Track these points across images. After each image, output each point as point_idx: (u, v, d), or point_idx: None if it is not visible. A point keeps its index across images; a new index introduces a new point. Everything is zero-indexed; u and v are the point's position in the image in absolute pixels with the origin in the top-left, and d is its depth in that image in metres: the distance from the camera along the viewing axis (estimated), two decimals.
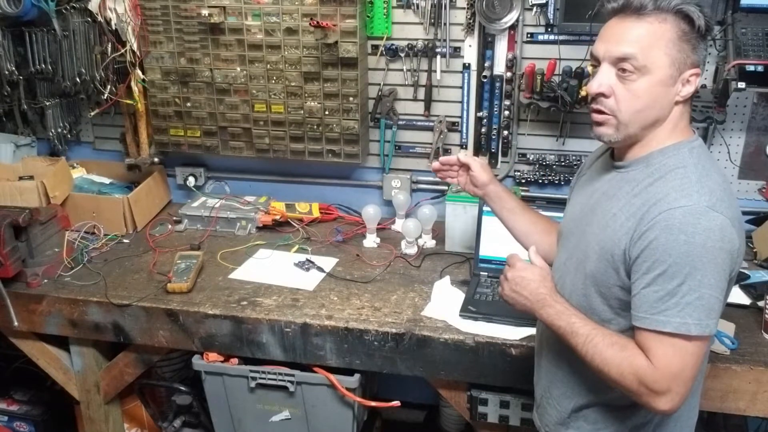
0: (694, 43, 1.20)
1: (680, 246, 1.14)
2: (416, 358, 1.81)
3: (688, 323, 1.14)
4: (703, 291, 1.14)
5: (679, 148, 1.24)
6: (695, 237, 1.13)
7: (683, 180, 1.19)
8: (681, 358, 1.16)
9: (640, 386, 1.18)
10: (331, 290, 2.00)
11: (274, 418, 2.01)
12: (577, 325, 1.27)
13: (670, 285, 1.15)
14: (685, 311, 1.14)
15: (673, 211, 1.15)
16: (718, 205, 1.16)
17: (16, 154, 2.59)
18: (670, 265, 1.15)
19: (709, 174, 1.21)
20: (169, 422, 2.27)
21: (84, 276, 2.10)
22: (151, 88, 2.44)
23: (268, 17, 2.27)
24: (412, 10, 2.26)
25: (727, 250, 1.15)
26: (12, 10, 2.27)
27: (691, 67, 1.21)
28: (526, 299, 1.35)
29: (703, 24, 1.20)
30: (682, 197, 1.17)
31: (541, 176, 2.34)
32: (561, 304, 1.30)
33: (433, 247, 2.27)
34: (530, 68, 2.17)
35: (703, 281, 1.14)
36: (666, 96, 1.22)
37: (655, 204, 1.18)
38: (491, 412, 1.84)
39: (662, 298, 1.16)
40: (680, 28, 1.20)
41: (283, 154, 2.44)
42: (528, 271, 1.36)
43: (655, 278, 1.17)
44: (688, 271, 1.14)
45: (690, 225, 1.14)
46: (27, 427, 2.49)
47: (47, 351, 2.16)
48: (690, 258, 1.13)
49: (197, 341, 1.94)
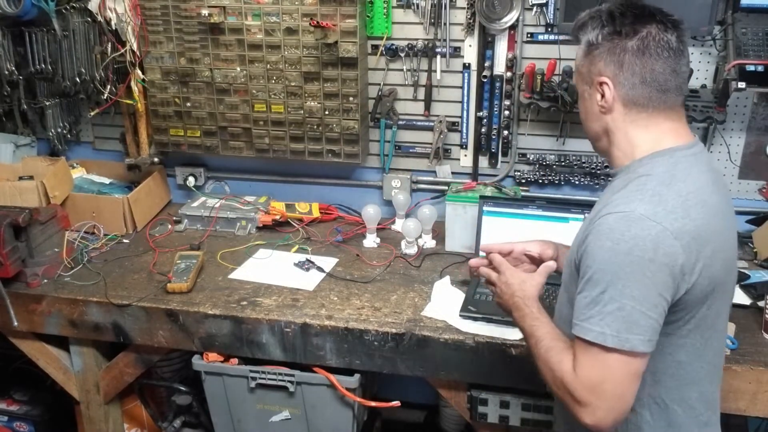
0: (596, 53, 1.22)
1: (604, 252, 1.12)
2: (416, 358, 1.81)
3: (605, 333, 1.11)
4: (625, 302, 1.10)
5: (656, 156, 1.21)
6: (620, 244, 1.10)
7: (638, 187, 1.17)
8: (600, 371, 1.12)
9: (565, 394, 1.16)
10: (331, 290, 2.00)
11: (274, 418, 2.00)
12: (535, 327, 1.28)
13: (594, 292, 1.13)
14: (605, 321, 1.11)
15: (608, 216, 1.14)
16: (660, 214, 1.11)
17: (16, 154, 2.59)
18: (595, 271, 1.13)
19: (673, 184, 1.16)
20: (169, 422, 2.27)
21: (84, 276, 2.10)
22: (150, 88, 2.44)
23: (268, 17, 2.27)
24: (412, 10, 2.26)
25: (662, 264, 1.10)
26: (12, 10, 2.27)
27: (597, 76, 1.23)
28: (506, 303, 1.39)
29: (594, 37, 1.22)
30: (623, 203, 1.14)
31: (541, 176, 2.34)
32: (530, 308, 1.31)
33: (433, 247, 2.27)
34: (530, 68, 2.17)
35: (624, 292, 1.10)
36: (591, 108, 1.27)
37: (601, 210, 1.17)
38: (491, 412, 1.84)
39: (588, 305, 1.14)
40: (585, 45, 1.25)
41: (283, 154, 2.44)
42: (513, 277, 1.39)
43: (585, 284, 1.15)
44: (609, 279, 1.11)
45: (617, 231, 1.11)
46: (27, 427, 2.48)
47: (47, 351, 2.16)
48: (611, 265, 1.11)
49: (197, 341, 1.94)
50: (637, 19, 1.20)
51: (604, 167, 2.28)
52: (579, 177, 2.32)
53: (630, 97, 1.22)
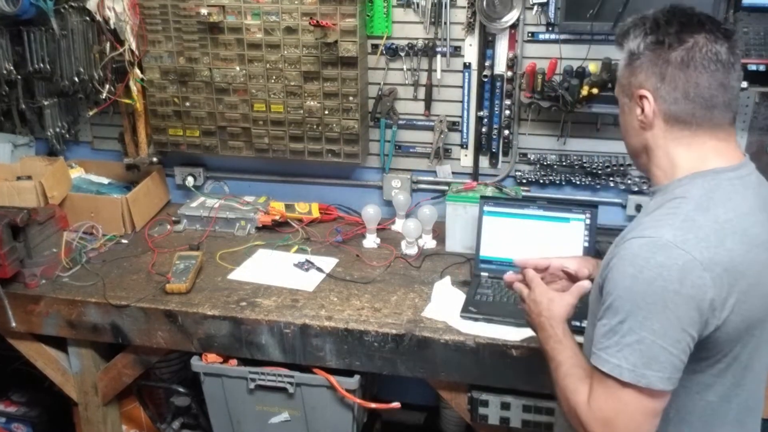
0: (637, 64, 1.16)
1: (626, 279, 1.05)
2: (416, 359, 1.80)
3: (621, 366, 1.05)
4: (644, 335, 1.03)
5: (697, 177, 1.13)
6: (643, 272, 1.03)
7: (670, 210, 1.09)
8: (614, 405, 1.06)
9: (578, 425, 1.11)
10: (331, 291, 1.99)
11: (274, 420, 1.99)
12: (556, 350, 1.23)
13: (613, 321, 1.07)
14: (622, 353, 1.05)
15: (634, 240, 1.07)
16: (690, 242, 1.03)
17: (14, 154, 2.58)
18: (615, 298, 1.07)
19: (711, 209, 1.08)
20: (167, 424, 2.27)
21: (82, 276, 2.09)
22: (149, 88, 2.43)
23: (267, 16, 2.26)
24: (412, 9, 2.25)
25: (688, 296, 1.02)
26: (10, 9, 2.26)
27: (637, 88, 1.16)
28: (532, 321, 1.35)
29: (636, 46, 1.15)
30: (651, 228, 1.07)
31: (542, 176, 2.33)
32: (555, 329, 1.26)
33: (433, 248, 2.26)
34: (531, 67, 2.17)
35: (644, 324, 1.03)
36: (631, 123, 1.20)
37: (629, 232, 1.11)
38: (492, 414, 1.83)
39: (606, 333, 1.08)
40: (627, 55, 1.19)
41: (283, 153, 2.43)
42: (542, 295, 1.33)
43: (605, 311, 1.09)
44: (629, 308, 1.05)
45: (641, 258, 1.04)
46: (25, 428, 2.48)
47: (45, 352, 2.15)
48: (632, 294, 1.04)
49: (196, 342, 1.93)
50: (683, 28, 1.12)
51: (605, 167, 2.27)
52: (580, 177, 2.31)
53: (672, 113, 1.14)
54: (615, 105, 2.05)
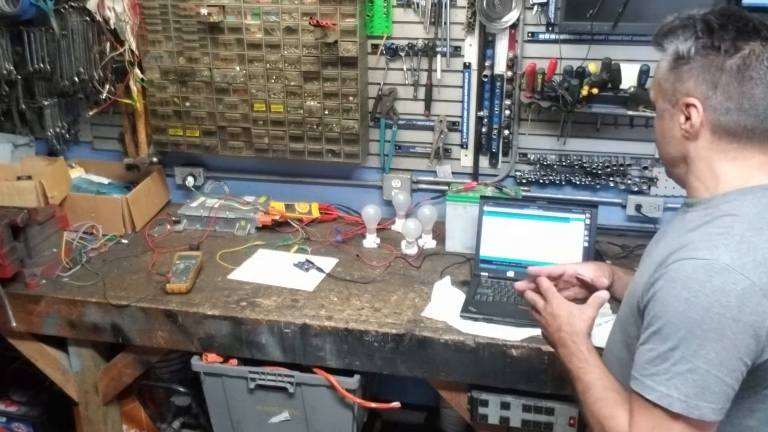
0: (685, 69, 1.08)
1: (679, 304, 0.99)
2: (416, 359, 1.80)
3: (671, 396, 0.99)
4: (698, 364, 0.97)
5: (746, 193, 1.07)
6: (699, 297, 0.97)
7: (722, 230, 1.02)
8: None
9: None
10: (331, 291, 1.99)
11: (274, 420, 2.00)
12: (583, 370, 1.16)
13: (663, 347, 1.00)
14: (672, 382, 0.99)
15: (686, 261, 1.00)
16: (749, 266, 0.97)
17: (15, 154, 2.58)
18: (666, 323, 1.00)
19: (765, 230, 1.01)
20: (168, 423, 2.26)
21: (82, 276, 2.09)
22: (149, 88, 2.43)
23: (267, 16, 2.26)
24: (412, 9, 2.25)
25: (747, 324, 0.96)
26: (10, 9, 2.26)
27: (684, 96, 1.09)
28: (550, 336, 1.29)
29: (686, 49, 1.08)
30: (704, 248, 1.00)
31: (542, 176, 2.33)
32: (578, 346, 1.20)
33: (433, 248, 2.26)
34: (531, 67, 2.17)
35: (699, 352, 0.97)
36: (671, 131, 1.12)
37: (676, 251, 1.03)
38: (492, 414, 1.83)
39: (653, 359, 1.01)
40: (672, 57, 1.10)
41: (283, 153, 2.43)
42: (560, 308, 1.27)
43: (651, 335, 1.03)
44: (683, 335, 0.98)
45: (697, 282, 0.98)
46: (25, 428, 2.47)
47: (45, 352, 2.15)
48: (687, 320, 0.98)
49: (196, 342, 1.93)
50: (739, 34, 1.05)
51: (605, 167, 2.27)
52: (580, 177, 2.31)
53: (721, 124, 1.07)
54: (615, 105, 2.11)
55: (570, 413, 1.77)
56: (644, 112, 2.08)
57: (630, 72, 2.08)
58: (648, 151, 2.25)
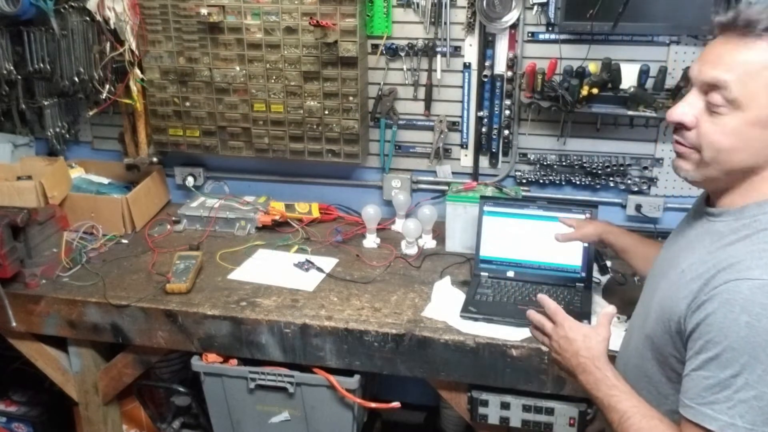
0: None
1: (740, 328, 0.94)
2: (416, 359, 1.80)
3: (736, 425, 0.94)
4: (764, 390, 0.93)
5: None
6: (761, 321, 0.92)
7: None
8: None
9: None
10: (331, 291, 1.99)
11: (274, 420, 2.00)
12: (616, 398, 1.10)
13: (723, 374, 0.95)
14: (736, 410, 0.94)
15: (740, 282, 0.95)
16: None
17: (15, 154, 2.58)
18: (725, 349, 0.95)
19: None
20: (168, 423, 2.27)
21: (82, 276, 2.09)
22: (149, 88, 2.43)
23: (267, 16, 2.26)
24: (412, 9, 2.25)
25: None
26: (10, 9, 2.26)
27: None
28: (568, 361, 1.21)
29: None
30: (757, 267, 0.96)
31: (542, 176, 2.33)
32: (603, 372, 1.14)
33: (433, 248, 2.26)
34: (531, 67, 2.17)
35: (764, 378, 0.92)
36: (762, 139, 1.00)
37: (725, 269, 0.99)
38: (492, 414, 1.83)
39: (712, 387, 0.97)
40: None
41: (283, 153, 2.43)
42: (573, 331, 1.21)
43: (706, 362, 0.98)
44: (746, 360, 0.93)
45: (757, 304, 0.93)
46: (25, 428, 2.48)
47: (45, 352, 2.15)
48: (750, 345, 0.93)
49: (196, 342, 1.93)
50: None
51: (605, 167, 2.27)
52: (580, 177, 2.31)
53: None
54: (615, 105, 2.10)
55: (570, 413, 1.77)
56: (644, 112, 2.08)
57: (630, 72, 2.08)
58: (648, 151, 2.25)
